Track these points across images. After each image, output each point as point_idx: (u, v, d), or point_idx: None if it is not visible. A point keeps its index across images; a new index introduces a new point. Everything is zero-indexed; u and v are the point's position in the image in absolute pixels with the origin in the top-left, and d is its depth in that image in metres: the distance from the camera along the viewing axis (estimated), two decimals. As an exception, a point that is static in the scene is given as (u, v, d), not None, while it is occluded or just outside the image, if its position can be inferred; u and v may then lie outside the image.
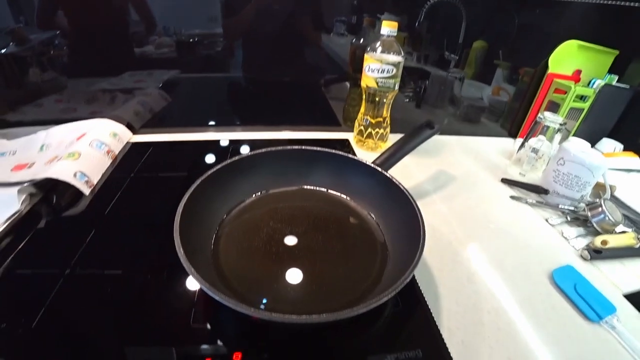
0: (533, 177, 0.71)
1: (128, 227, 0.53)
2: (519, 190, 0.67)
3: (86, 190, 0.58)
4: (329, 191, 0.55)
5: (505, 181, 0.68)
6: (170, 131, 0.79)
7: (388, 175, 0.50)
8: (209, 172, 0.47)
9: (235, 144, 0.75)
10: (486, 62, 1.03)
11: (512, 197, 0.65)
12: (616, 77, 0.81)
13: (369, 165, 0.52)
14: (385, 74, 0.62)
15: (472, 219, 0.58)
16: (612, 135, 0.86)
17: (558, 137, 0.69)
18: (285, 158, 0.54)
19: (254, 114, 0.91)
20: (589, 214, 0.57)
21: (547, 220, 0.59)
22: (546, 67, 0.82)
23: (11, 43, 0.82)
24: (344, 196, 0.55)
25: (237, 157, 0.51)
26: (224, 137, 0.77)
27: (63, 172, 0.57)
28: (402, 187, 0.48)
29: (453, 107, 0.96)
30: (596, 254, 0.51)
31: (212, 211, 0.47)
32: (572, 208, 0.61)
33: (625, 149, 0.83)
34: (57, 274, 0.43)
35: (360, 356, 0.36)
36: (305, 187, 0.56)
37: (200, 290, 0.38)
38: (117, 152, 0.68)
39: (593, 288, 0.46)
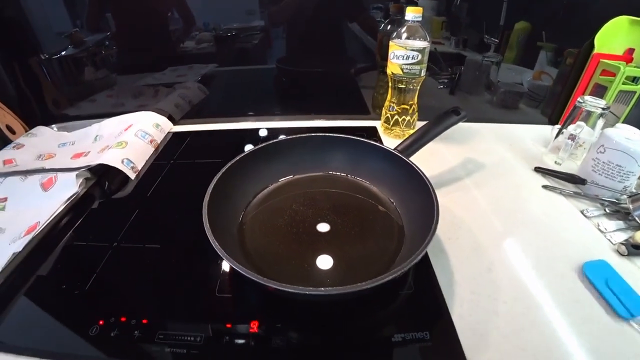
0: (571, 166, 0.68)
1: (166, 207, 0.59)
2: (554, 179, 0.65)
3: (132, 175, 0.65)
4: (351, 177, 0.58)
5: (538, 170, 0.66)
6: (208, 122, 0.85)
7: (408, 161, 0.52)
8: (237, 158, 0.51)
9: (269, 132, 0.80)
10: (529, 44, 0.98)
11: (545, 187, 0.63)
12: (675, 56, 0.75)
13: (389, 151, 0.54)
14: (410, 61, 0.63)
15: (499, 208, 0.57)
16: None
17: (601, 122, 0.66)
18: (309, 145, 0.57)
19: (288, 104, 0.95)
20: (631, 206, 0.54)
21: (582, 212, 0.57)
22: (592, 46, 0.77)
23: (70, 45, 0.92)
24: (365, 182, 0.57)
25: (263, 144, 0.55)
26: (259, 126, 0.82)
27: (113, 158, 0.64)
28: (421, 173, 0.49)
29: (489, 93, 0.93)
30: (635, 249, 0.48)
31: (239, 193, 0.52)
32: (612, 200, 0.58)
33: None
34: (107, 247, 0.50)
35: (367, 333, 0.38)
36: (328, 172, 0.59)
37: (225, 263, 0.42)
38: (159, 141, 0.75)
39: (627, 285, 0.43)
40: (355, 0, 0.86)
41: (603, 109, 0.64)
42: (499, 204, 0.58)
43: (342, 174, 0.58)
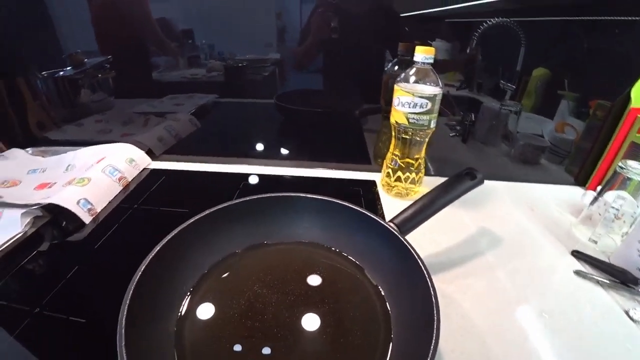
0: (607, 242, 0.53)
1: (109, 268, 0.47)
2: (589, 265, 0.49)
3: (87, 219, 0.53)
4: (333, 249, 0.44)
5: (577, 256, 0.51)
6: (190, 160, 0.74)
7: (404, 240, 0.38)
8: (194, 218, 0.39)
9: (248, 180, 0.67)
10: (548, 92, 0.85)
11: (578, 273, 0.47)
12: None
13: (382, 225, 0.40)
14: (417, 109, 0.50)
15: (518, 304, 0.42)
16: None
17: (647, 195, 0.51)
18: (286, 206, 0.45)
19: (283, 145, 0.83)
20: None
21: (627, 313, 0.41)
22: (628, 99, 0.63)
23: (69, 67, 0.84)
24: (350, 257, 0.43)
25: (227, 204, 0.42)
26: (245, 170, 0.70)
27: (67, 198, 0.53)
28: (419, 261, 0.35)
29: (506, 145, 0.79)
30: None
31: (190, 266, 0.39)
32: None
33: None
34: (26, 313, 0.38)
35: None
36: (305, 241, 0.45)
37: None
38: (130, 179, 0.64)
39: None
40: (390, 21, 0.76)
41: (652, 178, 0.49)
42: (518, 297, 0.43)
43: (323, 245, 0.45)
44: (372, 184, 0.63)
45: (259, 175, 0.68)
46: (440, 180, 0.64)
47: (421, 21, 0.84)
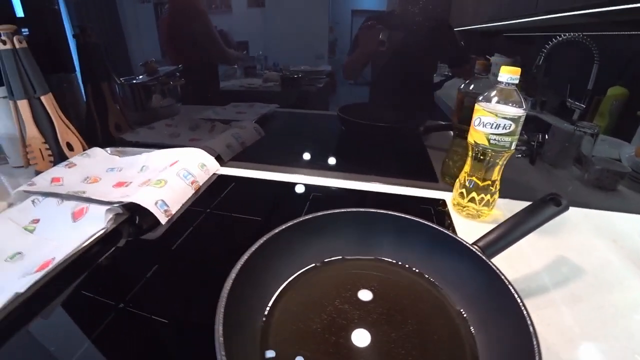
0: None
1: (189, 269, 0.48)
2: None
3: (163, 219, 0.55)
4: (413, 269, 0.43)
5: None
6: (257, 167, 0.75)
7: (492, 265, 0.36)
8: (274, 232, 0.39)
9: (317, 191, 0.67)
10: (625, 113, 0.79)
11: (674, 312, 0.43)
12: None
13: (467, 247, 0.38)
14: (500, 130, 0.47)
15: (606, 341, 0.38)
16: None
17: None
18: (366, 222, 0.43)
19: (344, 157, 0.83)
20: None
21: None
22: None
23: (144, 74, 0.90)
24: (430, 278, 0.41)
25: (309, 216, 0.42)
26: (308, 181, 0.70)
27: (146, 199, 0.55)
28: (511, 288, 0.33)
29: (578, 169, 0.74)
30: None
31: (271, 276, 0.39)
32: None
33: None
34: (111, 307, 0.40)
35: None
36: (385, 259, 0.44)
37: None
38: (201, 183, 0.66)
39: None
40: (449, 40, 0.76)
41: None
42: (606, 333, 0.39)
43: (401, 264, 0.43)
44: (442, 202, 0.61)
45: (324, 188, 0.68)
46: (508, 202, 0.62)
47: (479, 35, 0.81)
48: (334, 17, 0.80)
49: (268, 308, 0.37)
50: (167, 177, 0.60)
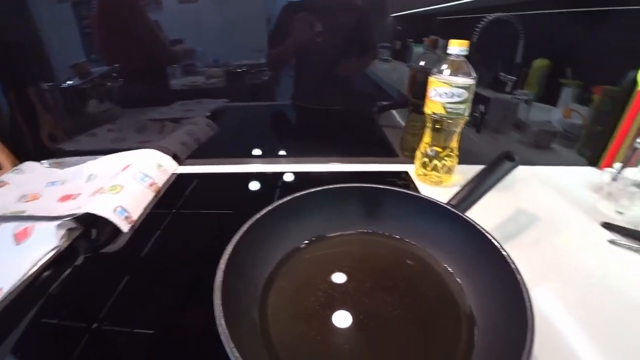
0: (633, 213, 0.55)
1: (165, 274, 0.44)
2: (620, 234, 0.51)
3: (125, 227, 0.51)
4: (394, 236, 0.44)
5: (608, 227, 0.52)
6: (217, 162, 0.72)
7: (468, 219, 0.39)
8: (255, 218, 0.37)
9: (284, 177, 0.66)
10: (549, 81, 0.88)
11: (612, 242, 0.50)
12: None
13: (443, 206, 0.41)
14: (455, 99, 0.50)
15: (567, 273, 0.44)
16: None
17: (665, 168, 0.54)
18: (341, 197, 0.44)
19: (303, 143, 0.82)
20: None
21: None
22: (634, 84, 0.67)
23: (75, 77, 0.81)
24: (411, 242, 0.43)
25: (286, 199, 0.41)
26: (272, 169, 0.69)
27: (103, 207, 0.50)
28: (489, 235, 0.36)
29: (517, 132, 0.81)
30: None
31: (258, 263, 0.37)
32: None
33: None
34: (83, 330, 0.35)
35: None
36: (365, 230, 0.45)
37: None
38: (160, 185, 0.61)
39: None
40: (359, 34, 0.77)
41: (670, 153, 0.52)
42: (564, 267, 0.44)
43: (383, 233, 0.44)
44: (405, 174, 0.64)
45: (286, 174, 0.67)
46: (465, 167, 0.66)
47: (415, 19, 0.85)
48: (270, 9, 0.79)
49: (260, 296, 0.36)
50: (122, 182, 0.55)
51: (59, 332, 0.36)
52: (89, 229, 0.52)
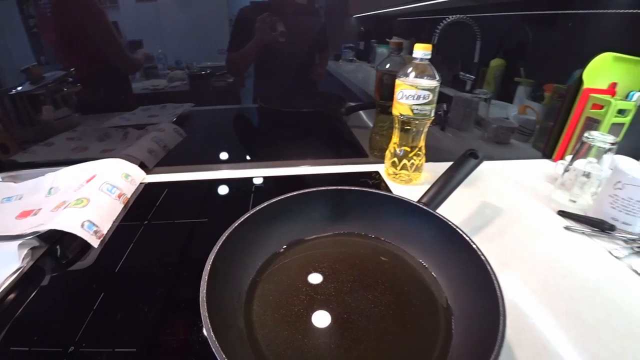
0: (584, 201, 0.61)
1: (142, 288, 0.43)
2: (573, 220, 0.57)
3: (95, 242, 0.49)
4: (369, 236, 0.46)
5: (563, 215, 0.58)
6: (186, 169, 0.70)
7: (439, 215, 0.41)
8: (233, 226, 0.38)
9: (257, 183, 0.66)
10: (505, 80, 0.94)
11: (567, 228, 0.55)
12: (655, 88, 0.72)
13: (415, 204, 0.43)
14: (421, 101, 0.53)
15: (529, 259, 0.48)
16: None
17: (608, 157, 0.60)
18: (316, 201, 0.45)
19: (273, 147, 0.82)
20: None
21: (610, 253, 0.49)
22: (580, 82, 0.73)
23: (26, 82, 0.76)
24: (387, 241, 0.45)
25: (262, 205, 0.41)
26: (244, 175, 0.69)
27: (70, 222, 0.48)
28: (459, 231, 0.38)
29: (479, 129, 0.86)
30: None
31: (240, 271, 0.38)
32: (635, 237, 0.51)
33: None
34: (59, 355, 0.34)
35: None
36: (342, 232, 0.46)
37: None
38: (129, 196, 0.59)
39: None
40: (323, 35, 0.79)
41: (612, 143, 0.58)
42: (528, 254, 0.49)
43: (360, 233, 0.46)
44: (376, 174, 0.66)
45: (255, 178, 0.67)
46: (433, 165, 0.70)
47: (376, 20, 0.88)
48: (233, 9, 0.79)
49: (244, 304, 0.36)
50: (88, 195, 0.53)
51: (33, 357, 0.34)
52: (54, 246, 0.50)
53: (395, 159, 0.60)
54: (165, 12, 0.75)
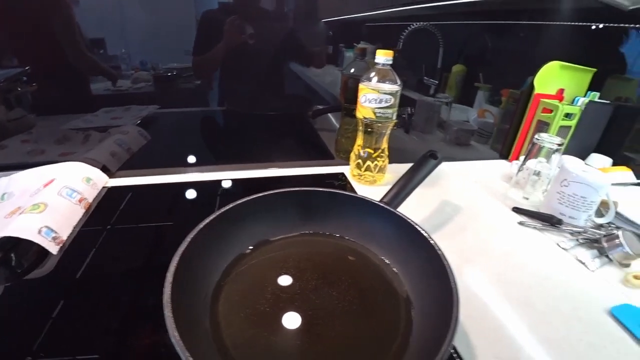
0: (535, 198, 0.66)
1: (106, 295, 0.42)
2: (526, 216, 0.61)
3: (54, 249, 0.47)
4: (334, 235, 0.48)
5: (517, 211, 0.62)
6: (151, 173, 0.69)
7: (400, 214, 0.43)
8: (198, 228, 0.38)
9: (223, 185, 0.66)
10: (466, 85, 1.00)
11: (521, 223, 0.59)
12: (597, 94, 0.79)
13: (376, 204, 0.45)
14: (383, 104, 0.56)
15: (488, 253, 0.51)
16: (597, 150, 0.83)
17: (556, 157, 0.65)
18: (281, 202, 0.46)
19: (240, 149, 0.83)
20: (606, 245, 0.51)
21: (558, 245, 0.54)
22: (532, 88, 0.79)
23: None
24: (351, 239, 0.47)
25: (227, 207, 0.42)
26: (210, 177, 0.69)
27: (26, 228, 0.47)
28: (418, 228, 0.41)
29: (441, 132, 0.91)
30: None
31: (206, 272, 0.38)
32: (580, 230, 0.56)
33: (613, 164, 0.80)
34: None
35: None
36: (307, 232, 0.48)
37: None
38: (91, 200, 0.58)
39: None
40: (291, 38, 0.80)
41: (558, 145, 0.63)
42: (486, 249, 0.52)
43: (324, 233, 0.48)
44: (342, 175, 0.68)
45: (223, 181, 0.67)
46: (396, 166, 0.73)
47: (344, 25, 0.91)
48: (200, 8, 0.78)
49: (209, 304, 0.37)
50: (45, 200, 0.51)
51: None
52: (8, 254, 0.48)
53: (360, 161, 0.63)
54: (128, 9, 0.73)
